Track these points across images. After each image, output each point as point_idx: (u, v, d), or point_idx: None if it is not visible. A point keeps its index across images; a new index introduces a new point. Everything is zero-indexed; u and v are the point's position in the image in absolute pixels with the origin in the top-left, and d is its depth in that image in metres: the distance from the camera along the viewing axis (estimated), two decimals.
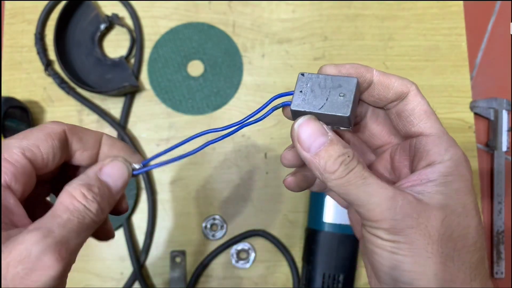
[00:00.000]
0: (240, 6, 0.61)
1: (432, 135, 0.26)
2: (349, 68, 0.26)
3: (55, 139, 0.26)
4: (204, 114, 0.58)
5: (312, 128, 0.25)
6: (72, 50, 0.59)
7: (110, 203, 0.26)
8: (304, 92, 0.26)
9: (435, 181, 0.25)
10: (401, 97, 0.26)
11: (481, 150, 0.59)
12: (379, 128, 0.29)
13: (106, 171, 0.26)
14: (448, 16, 0.61)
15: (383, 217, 0.23)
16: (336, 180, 0.24)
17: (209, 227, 0.56)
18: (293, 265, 0.55)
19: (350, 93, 0.25)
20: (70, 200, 0.24)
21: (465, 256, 0.24)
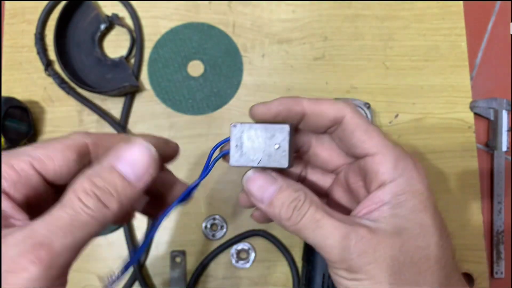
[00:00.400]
0: (240, 6, 0.61)
1: (377, 155, 0.25)
2: (278, 105, 0.26)
3: (73, 152, 0.24)
4: (204, 114, 0.58)
5: (260, 181, 0.25)
6: (72, 50, 0.59)
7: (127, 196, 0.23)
8: (239, 146, 0.26)
9: (389, 203, 0.24)
10: (338, 122, 0.26)
11: (481, 150, 0.59)
12: (328, 153, 0.29)
13: (123, 158, 0.24)
14: (448, 16, 0.61)
15: (340, 258, 0.23)
16: (292, 226, 0.25)
17: (209, 227, 0.56)
18: (293, 265, 0.55)
19: (285, 143, 0.25)
20: (69, 194, 0.22)
21: (431, 278, 0.24)
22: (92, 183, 0.22)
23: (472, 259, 0.56)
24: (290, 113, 0.26)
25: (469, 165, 0.58)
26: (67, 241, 0.21)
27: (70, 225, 0.21)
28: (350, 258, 0.23)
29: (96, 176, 0.23)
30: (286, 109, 0.26)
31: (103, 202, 0.22)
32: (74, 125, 0.58)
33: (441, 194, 0.57)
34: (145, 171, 0.24)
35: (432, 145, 0.58)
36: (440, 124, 0.58)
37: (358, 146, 0.26)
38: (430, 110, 0.59)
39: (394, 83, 0.59)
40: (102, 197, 0.22)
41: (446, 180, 0.57)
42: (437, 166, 0.58)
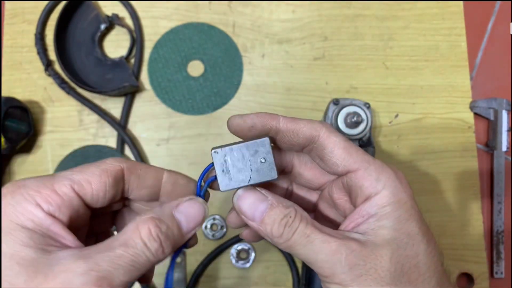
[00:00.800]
0: (240, 6, 0.61)
1: (359, 170, 0.26)
2: (253, 118, 0.26)
3: (109, 177, 0.26)
4: (204, 114, 0.58)
5: (251, 198, 0.26)
6: (72, 50, 0.59)
7: (176, 243, 0.25)
8: (226, 171, 0.26)
9: (375, 215, 0.25)
10: (313, 141, 0.26)
11: (481, 150, 0.59)
12: (311, 173, 0.30)
13: (182, 208, 0.26)
14: (448, 16, 0.61)
15: (331, 272, 0.24)
16: (284, 243, 0.25)
17: (209, 227, 0.56)
18: (293, 265, 0.55)
19: (269, 155, 0.26)
20: (133, 234, 0.23)
21: (422, 286, 0.24)
22: (158, 228, 0.24)
23: (472, 259, 0.56)
24: (264, 128, 0.26)
25: (469, 165, 0.58)
26: (125, 279, 0.22)
27: (131, 265, 0.22)
28: (341, 271, 0.23)
29: (161, 222, 0.24)
30: (261, 123, 0.26)
31: (163, 247, 0.24)
32: (74, 125, 0.58)
33: (441, 194, 0.57)
34: (196, 225, 0.26)
35: (432, 145, 0.58)
36: (440, 124, 0.58)
37: (339, 164, 0.26)
38: (430, 110, 0.59)
39: (394, 83, 0.59)
40: (164, 242, 0.24)
41: (446, 180, 0.57)
42: (437, 166, 0.58)
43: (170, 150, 0.58)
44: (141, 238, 0.23)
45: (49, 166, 0.57)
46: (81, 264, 0.21)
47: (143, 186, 0.28)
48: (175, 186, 0.28)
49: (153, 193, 0.28)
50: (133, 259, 0.23)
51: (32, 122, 0.56)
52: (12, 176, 0.57)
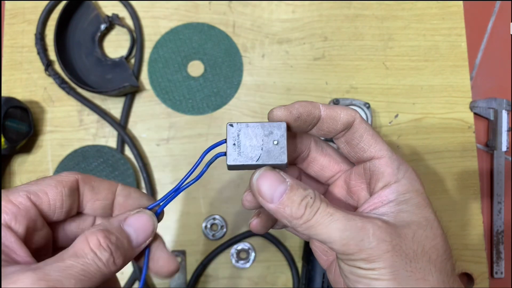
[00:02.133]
0: (240, 6, 0.61)
1: (383, 158, 0.27)
2: (299, 108, 0.26)
3: (65, 187, 0.26)
4: (204, 114, 0.58)
5: (270, 179, 0.25)
6: (72, 51, 0.59)
7: (127, 256, 0.25)
8: (237, 144, 0.26)
9: (395, 200, 0.26)
10: (348, 127, 0.27)
11: (480, 150, 0.59)
12: (327, 159, 0.30)
13: (131, 222, 0.26)
14: (447, 16, 0.61)
15: (358, 248, 0.24)
16: (304, 224, 0.25)
17: (209, 227, 0.56)
18: (293, 265, 0.55)
19: (283, 139, 0.26)
20: (82, 244, 0.23)
21: (441, 266, 0.25)
22: (108, 238, 0.24)
23: (472, 259, 0.56)
24: (309, 117, 0.26)
25: (469, 165, 0.58)
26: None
27: (81, 274, 0.22)
28: (369, 247, 0.24)
29: (110, 233, 0.24)
30: (306, 112, 0.26)
31: (114, 258, 0.24)
32: (74, 125, 0.58)
33: (441, 194, 0.57)
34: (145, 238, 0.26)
35: (432, 145, 0.58)
36: (440, 124, 0.58)
37: (366, 149, 0.27)
38: (430, 110, 0.59)
39: (394, 83, 0.59)
40: (115, 253, 0.24)
41: (446, 179, 0.57)
42: (437, 165, 0.58)
43: (170, 149, 0.58)
44: (91, 248, 0.23)
45: (49, 166, 0.57)
46: (30, 275, 0.21)
47: (96, 198, 0.27)
48: (128, 200, 0.28)
49: (107, 206, 0.28)
50: (83, 269, 0.23)
51: (32, 122, 0.56)
52: (12, 176, 0.57)
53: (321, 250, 0.32)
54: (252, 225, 0.30)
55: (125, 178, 0.56)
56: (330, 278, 0.31)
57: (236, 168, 0.26)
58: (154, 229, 0.27)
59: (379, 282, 0.24)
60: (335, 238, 0.24)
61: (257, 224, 0.30)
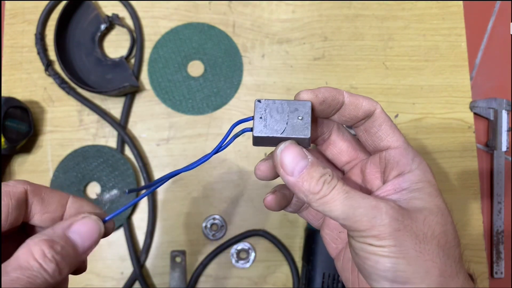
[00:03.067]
0: (240, 6, 0.61)
1: (399, 148, 0.28)
2: (324, 92, 0.27)
3: (12, 199, 0.25)
4: (204, 114, 0.58)
5: (294, 153, 0.26)
6: (72, 51, 0.59)
7: (72, 263, 0.24)
8: (264, 118, 0.27)
9: (408, 188, 0.27)
10: (369, 115, 0.28)
11: (480, 150, 0.59)
12: (346, 144, 0.31)
13: (76, 228, 0.25)
14: (447, 17, 0.61)
15: (370, 225, 0.24)
16: (320, 199, 0.25)
17: (209, 227, 0.56)
18: (293, 265, 0.55)
19: (307, 116, 0.27)
20: (26, 256, 0.22)
21: (449, 251, 0.26)
22: (53, 248, 0.23)
23: (472, 259, 0.56)
24: (333, 102, 0.27)
25: (469, 165, 0.58)
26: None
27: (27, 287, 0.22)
28: (381, 224, 0.24)
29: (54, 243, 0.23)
30: (331, 97, 0.27)
31: (59, 268, 0.23)
32: (74, 125, 0.58)
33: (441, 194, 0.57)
34: (92, 244, 0.26)
35: (432, 145, 0.58)
36: (440, 124, 0.58)
37: (384, 139, 0.28)
38: (430, 110, 0.59)
39: (394, 83, 0.59)
40: (60, 263, 0.23)
41: (446, 179, 0.57)
42: (437, 166, 0.58)
43: (170, 149, 0.58)
44: (36, 259, 0.22)
45: (49, 166, 0.57)
46: None
47: (45, 211, 0.27)
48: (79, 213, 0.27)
49: (56, 218, 0.27)
50: (30, 281, 0.22)
51: (32, 122, 0.56)
52: (12, 176, 0.57)
53: (331, 238, 0.33)
54: (267, 200, 0.31)
55: (125, 178, 0.56)
56: (338, 266, 0.32)
57: (261, 141, 0.28)
58: (100, 233, 0.26)
59: (388, 259, 0.24)
60: (348, 214, 0.25)
61: (271, 200, 0.31)
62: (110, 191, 0.24)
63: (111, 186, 0.56)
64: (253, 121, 0.27)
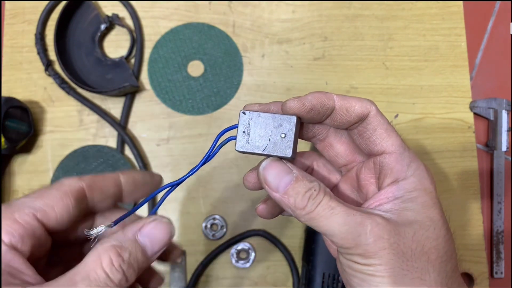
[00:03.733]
0: (240, 6, 0.61)
1: (394, 153, 0.27)
2: (312, 100, 0.26)
3: (71, 198, 0.25)
4: (204, 114, 0.58)
5: (277, 169, 0.26)
6: (72, 51, 0.59)
7: (141, 268, 0.25)
8: (247, 132, 0.27)
9: (401, 198, 0.26)
10: (363, 119, 0.27)
11: (480, 150, 0.59)
12: (343, 147, 0.30)
13: (146, 231, 0.25)
14: (447, 17, 0.61)
15: (355, 243, 0.24)
16: (306, 214, 0.25)
17: (209, 227, 0.56)
18: (293, 265, 0.55)
19: (291, 133, 0.26)
20: (94, 265, 0.23)
21: (439, 267, 0.25)
22: (120, 257, 0.23)
23: (472, 259, 0.56)
24: (322, 108, 0.26)
25: (469, 165, 0.58)
26: None
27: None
28: (366, 243, 0.24)
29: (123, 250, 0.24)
30: (320, 104, 0.26)
31: (126, 277, 0.23)
32: (74, 125, 0.58)
33: (441, 194, 0.57)
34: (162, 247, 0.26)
35: (432, 145, 0.58)
36: (440, 124, 0.58)
37: (378, 143, 0.27)
38: (430, 110, 0.59)
39: (394, 83, 0.59)
40: (127, 271, 0.23)
41: (446, 180, 0.57)
42: (437, 166, 0.58)
43: (170, 150, 0.58)
44: (103, 269, 0.23)
45: (49, 166, 0.57)
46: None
47: (106, 197, 0.27)
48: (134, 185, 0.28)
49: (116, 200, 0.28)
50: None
51: (32, 122, 0.56)
52: (12, 176, 0.57)
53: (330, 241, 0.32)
54: (259, 210, 0.31)
55: None
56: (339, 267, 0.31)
57: (244, 153, 0.27)
58: (171, 237, 0.26)
59: (374, 278, 0.24)
60: (334, 231, 0.24)
61: (263, 209, 0.31)
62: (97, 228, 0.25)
63: None
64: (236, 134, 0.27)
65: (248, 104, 0.28)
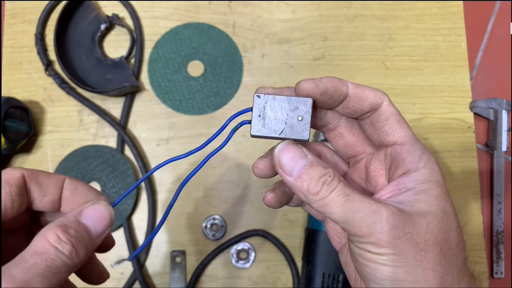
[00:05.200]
0: (240, 6, 0.61)
1: (406, 144, 0.26)
2: (326, 83, 0.26)
3: (13, 186, 0.25)
4: (204, 114, 0.58)
5: (292, 153, 0.25)
6: (72, 51, 0.59)
7: (89, 246, 0.25)
8: (262, 116, 0.26)
9: (413, 189, 0.25)
10: (375, 108, 0.27)
11: (480, 150, 0.59)
12: (354, 138, 0.30)
13: (86, 213, 0.26)
14: (447, 17, 0.61)
15: (369, 231, 0.24)
16: (319, 200, 0.25)
17: (209, 227, 0.56)
18: (293, 265, 0.55)
19: (307, 116, 0.26)
20: (42, 242, 0.23)
21: (451, 259, 0.25)
22: (67, 232, 0.24)
23: (472, 259, 0.55)
24: (336, 93, 0.26)
25: (469, 165, 0.58)
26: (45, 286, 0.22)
27: (47, 271, 0.22)
28: (380, 231, 0.23)
29: (68, 227, 0.24)
30: (333, 88, 0.26)
31: (76, 250, 0.24)
32: (74, 125, 0.58)
33: None
34: (104, 229, 0.26)
35: (432, 145, 0.58)
36: (440, 124, 0.58)
37: (390, 134, 0.27)
38: (430, 110, 0.59)
39: (394, 83, 0.59)
40: (76, 245, 0.24)
41: (446, 179, 0.57)
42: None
43: (170, 150, 0.58)
44: (51, 243, 0.23)
45: (49, 166, 0.57)
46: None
47: (44, 194, 0.27)
48: (75, 194, 0.28)
49: (55, 201, 0.28)
50: (48, 265, 0.22)
51: (32, 122, 0.56)
52: None
53: (334, 232, 0.32)
54: (267, 199, 0.30)
55: (125, 178, 0.56)
56: (341, 260, 0.31)
57: (259, 137, 0.27)
58: (111, 218, 0.27)
59: (387, 267, 0.24)
60: (348, 218, 0.24)
61: (271, 198, 0.30)
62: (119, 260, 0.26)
63: (111, 186, 0.56)
64: (251, 118, 0.26)
65: (261, 87, 0.27)
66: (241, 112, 0.28)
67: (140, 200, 0.57)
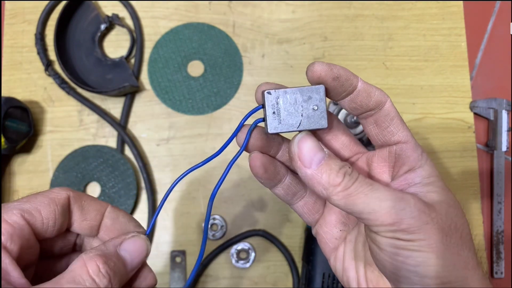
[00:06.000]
0: (240, 6, 0.61)
1: (409, 143, 0.27)
2: (340, 69, 0.26)
3: (58, 205, 0.26)
4: (204, 114, 0.58)
5: (311, 144, 0.25)
6: (72, 51, 0.59)
7: (123, 279, 0.25)
8: (277, 112, 0.26)
9: (421, 183, 0.26)
10: (379, 107, 0.27)
11: (480, 150, 0.59)
12: (348, 139, 0.30)
13: (126, 246, 0.26)
14: (447, 17, 0.61)
15: (399, 218, 0.23)
16: (342, 191, 0.24)
17: (209, 227, 0.56)
18: (293, 265, 0.55)
19: (322, 103, 0.26)
20: (81, 271, 0.23)
21: (469, 244, 0.25)
22: (107, 264, 0.24)
23: None
24: (347, 81, 0.26)
25: (469, 165, 0.58)
26: None
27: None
28: (411, 216, 0.23)
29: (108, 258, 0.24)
30: (345, 76, 0.26)
31: (112, 284, 0.24)
32: (74, 125, 0.58)
33: None
34: (139, 262, 0.27)
35: (432, 145, 0.58)
36: (440, 124, 0.58)
37: (395, 133, 0.27)
38: (430, 110, 0.59)
39: (394, 83, 0.59)
40: (113, 279, 0.24)
41: (446, 180, 0.57)
42: (437, 166, 0.58)
43: (170, 149, 0.58)
44: (90, 274, 0.23)
45: (49, 166, 0.57)
46: None
47: (84, 218, 0.27)
48: (115, 222, 0.28)
49: (94, 227, 0.28)
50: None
51: (32, 122, 0.56)
52: (12, 176, 0.57)
53: (329, 237, 0.31)
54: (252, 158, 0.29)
55: (125, 178, 0.56)
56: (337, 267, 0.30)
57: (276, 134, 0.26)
58: (147, 253, 0.27)
59: (419, 253, 0.23)
60: (374, 208, 0.24)
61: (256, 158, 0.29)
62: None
63: (111, 186, 0.56)
64: (265, 117, 0.26)
65: (265, 83, 0.27)
66: (252, 112, 0.27)
67: (140, 200, 0.57)
